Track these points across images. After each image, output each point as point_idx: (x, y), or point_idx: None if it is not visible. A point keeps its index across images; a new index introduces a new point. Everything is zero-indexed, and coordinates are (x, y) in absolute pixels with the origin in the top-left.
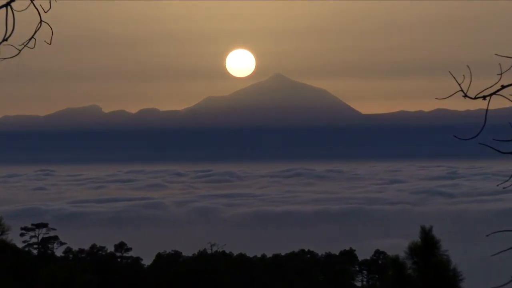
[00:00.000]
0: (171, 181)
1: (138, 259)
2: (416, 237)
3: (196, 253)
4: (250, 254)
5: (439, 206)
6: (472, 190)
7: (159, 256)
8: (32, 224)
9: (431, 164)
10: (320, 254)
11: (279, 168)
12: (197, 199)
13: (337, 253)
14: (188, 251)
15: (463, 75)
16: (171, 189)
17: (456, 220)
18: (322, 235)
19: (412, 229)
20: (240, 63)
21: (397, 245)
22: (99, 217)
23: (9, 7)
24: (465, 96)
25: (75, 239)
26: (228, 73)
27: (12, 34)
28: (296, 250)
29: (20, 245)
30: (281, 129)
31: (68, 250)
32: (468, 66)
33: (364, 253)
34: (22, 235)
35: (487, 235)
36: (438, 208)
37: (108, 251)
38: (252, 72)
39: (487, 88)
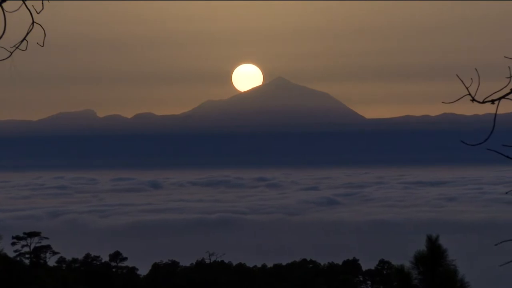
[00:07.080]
0: (86, 191)
1: (133, 269)
2: (264, 249)
3: (194, 263)
4: (250, 264)
5: (316, 215)
6: (362, 201)
7: (155, 266)
8: (24, 233)
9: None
10: (322, 264)
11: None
12: (80, 209)
13: (340, 263)
14: (186, 261)
15: (471, 79)
16: (73, 199)
17: (315, 230)
18: (180, 244)
19: (258, 240)
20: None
21: (237, 258)
22: None
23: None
24: (473, 100)
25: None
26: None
27: (3, 36)
28: (298, 259)
29: (11, 254)
30: (282, 134)
31: (61, 260)
32: (476, 69)
33: (368, 263)
34: (13, 244)
35: (496, 244)
36: (314, 217)
37: (103, 260)
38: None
39: (496, 92)
